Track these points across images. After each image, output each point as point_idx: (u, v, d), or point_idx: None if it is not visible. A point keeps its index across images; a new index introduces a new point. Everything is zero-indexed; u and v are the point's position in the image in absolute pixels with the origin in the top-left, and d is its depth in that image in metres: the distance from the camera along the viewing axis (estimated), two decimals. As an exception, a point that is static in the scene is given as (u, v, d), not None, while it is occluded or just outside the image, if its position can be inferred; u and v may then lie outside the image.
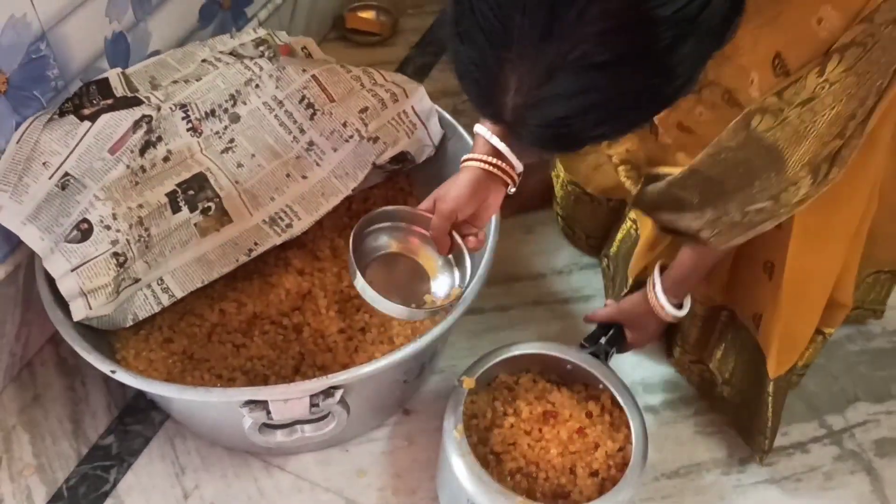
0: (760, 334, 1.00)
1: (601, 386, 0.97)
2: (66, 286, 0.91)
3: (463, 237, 0.95)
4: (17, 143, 0.98)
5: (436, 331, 0.93)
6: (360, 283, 0.89)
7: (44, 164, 0.97)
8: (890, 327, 1.21)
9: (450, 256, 0.98)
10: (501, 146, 0.90)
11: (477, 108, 0.62)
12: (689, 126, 0.84)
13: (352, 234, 0.92)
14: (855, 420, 1.12)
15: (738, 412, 1.08)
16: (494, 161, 0.91)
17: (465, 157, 0.94)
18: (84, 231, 0.93)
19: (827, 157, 0.70)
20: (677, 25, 0.53)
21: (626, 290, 1.10)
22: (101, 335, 1.00)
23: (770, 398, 1.00)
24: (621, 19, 0.53)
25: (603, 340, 1.03)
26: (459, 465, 0.88)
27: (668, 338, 1.17)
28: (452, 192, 0.93)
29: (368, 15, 1.64)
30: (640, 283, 1.07)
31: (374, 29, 1.62)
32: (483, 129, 0.92)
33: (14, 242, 1.04)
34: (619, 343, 1.04)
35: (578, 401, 0.97)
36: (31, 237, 0.95)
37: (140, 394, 1.11)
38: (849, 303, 1.01)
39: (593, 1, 0.52)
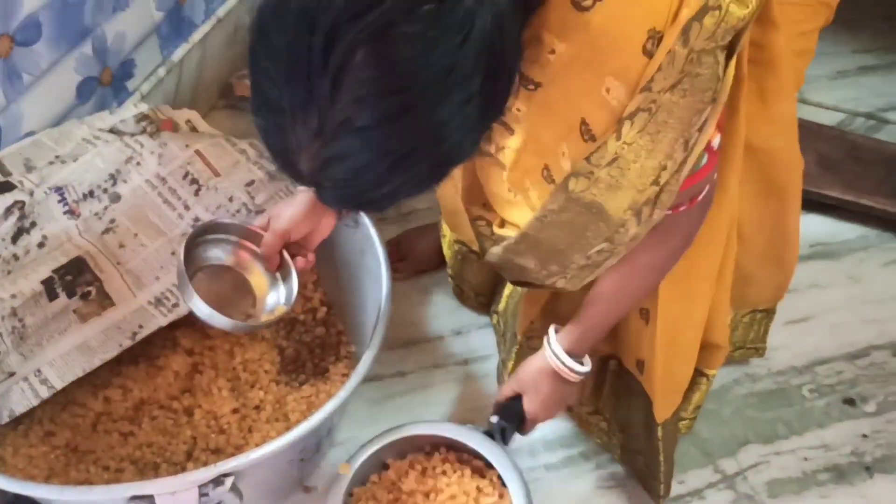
0: (644, 379, 1.03)
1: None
2: None
3: (292, 256, 0.98)
4: None
5: (331, 404, 0.91)
6: (189, 292, 0.90)
7: None
8: (774, 368, 1.26)
9: (277, 274, 1.00)
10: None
11: (282, 171, 0.67)
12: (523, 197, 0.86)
13: (183, 243, 0.93)
14: (747, 463, 1.15)
15: (635, 460, 1.11)
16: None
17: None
18: None
19: (647, 201, 0.74)
20: (426, 92, 0.59)
21: (516, 346, 1.12)
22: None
23: (660, 443, 1.03)
24: (373, 87, 0.58)
25: (495, 420, 1.03)
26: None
27: (564, 392, 1.19)
28: (288, 212, 0.96)
29: (257, 82, 1.64)
30: (529, 339, 1.09)
31: (264, 96, 1.62)
32: None
33: None
34: (518, 419, 1.02)
35: (467, 481, 0.98)
36: None
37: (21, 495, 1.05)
38: (725, 343, 1.05)
39: (345, 71, 0.57)
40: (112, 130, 1.15)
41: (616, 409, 1.12)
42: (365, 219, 1.10)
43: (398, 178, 0.63)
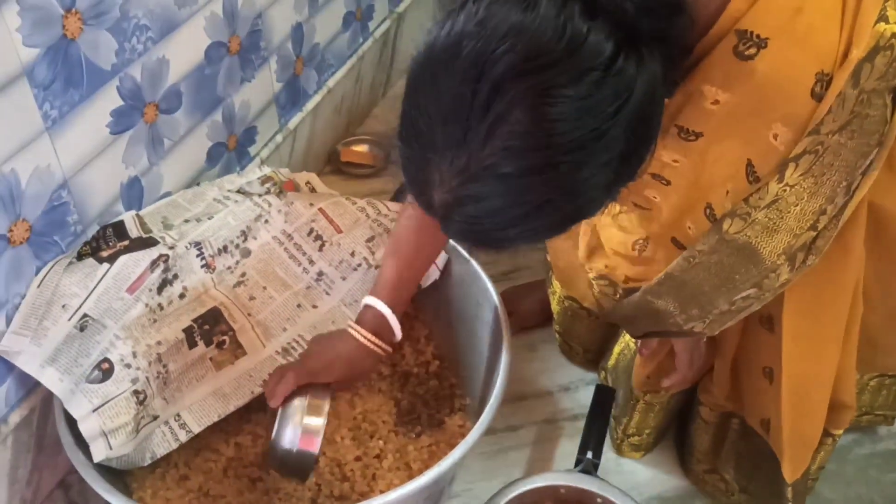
0: (771, 439, 1.02)
1: (599, 500, 0.99)
2: (87, 427, 0.91)
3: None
4: (38, 287, 1.00)
5: (456, 454, 0.94)
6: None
7: (63, 306, 0.99)
8: (895, 429, 1.23)
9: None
10: (391, 317, 1.01)
11: (413, 198, 0.71)
12: (680, 241, 0.88)
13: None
14: (873, 525, 1.12)
15: (756, 518, 1.09)
16: (376, 343, 1.00)
17: (350, 323, 1.01)
18: (105, 371, 0.94)
19: (802, 247, 0.75)
20: (573, 152, 0.62)
21: (632, 401, 1.12)
22: (118, 476, 0.99)
23: (790, 503, 1.01)
24: (525, 140, 0.61)
25: (589, 455, 1.04)
26: None
27: (681, 449, 1.18)
28: (335, 368, 0.99)
29: (361, 149, 1.72)
30: (646, 393, 1.10)
31: (368, 161, 1.70)
32: (374, 301, 1.01)
33: (29, 386, 1.04)
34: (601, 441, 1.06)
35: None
36: (51, 380, 0.96)
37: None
38: (852, 404, 1.03)
39: (502, 121, 0.60)
40: (240, 191, 1.22)
41: (738, 468, 1.11)
42: (482, 273, 1.14)
43: (526, 225, 0.66)
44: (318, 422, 0.95)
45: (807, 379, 0.96)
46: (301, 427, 0.95)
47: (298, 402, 0.96)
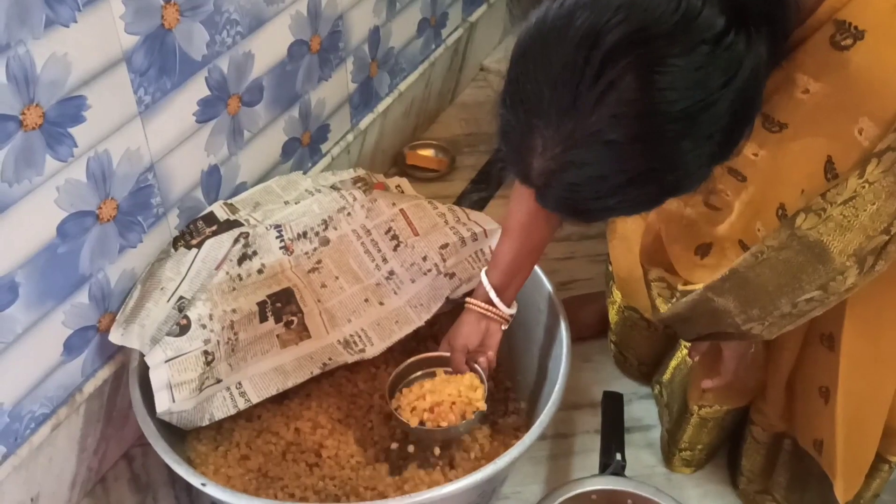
0: (823, 460, 1.02)
1: (630, 501, 1.01)
2: (156, 376, 0.96)
3: (476, 362, 1.08)
4: (142, 283, 1.07)
5: (513, 452, 0.95)
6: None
7: (161, 289, 1.05)
8: (951, 463, 1.21)
9: None
10: (494, 297, 1.05)
11: (509, 166, 0.72)
12: (747, 244, 0.89)
13: (387, 389, 1.07)
14: (925, 557, 1.11)
15: (807, 541, 1.08)
16: (487, 308, 1.06)
17: (467, 298, 1.08)
18: (183, 326, 0.99)
19: (873, 250, 0.75)
20: (679, 122, 0.63)
21: (687, 415, 1.13)
22: (180, 450, 1.03)
23: (843, 526, 1.01)
24: (633, 107, 0.62)
25: (619, 456, 1.06)
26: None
27: (732, 468, 1.18)
28: (459, 330, 1.08)
29: (427, 153, 1.75)
30: (701, 407, 1.11)
31: (433, 166, 1.72)
32: (483, 278, 1.07)
33: (105, 357, 1.09)
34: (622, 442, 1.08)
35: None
36: (136, 338, 1.01)
37: (211, 509, 1.13)
38: (910, 428, 1.03)
39: (612, 88, 0.62)
40: (332, 186, 1.26)
41: (789, 489, 1.10)
42: (545, 280, 1.16)
43: (625, 195, 0.67)
44: None
45: (863, 400, 0.96)
46: None
47: None
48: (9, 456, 0.99)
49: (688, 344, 1.14)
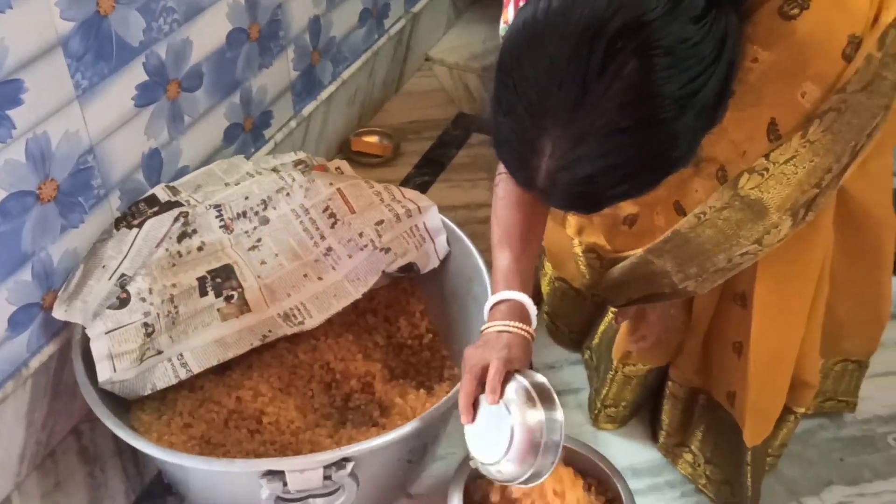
0: (735, 410, 1.09)
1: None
2: (97, 347, 1.01)
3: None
4: (84, 262, 1.11)
5: (442, 404, 1.01)
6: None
7: (103, 267, 1.09)
8: (860, 416, 1.30)
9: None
10: (527, 301, 0.95)
11: (512, 174, 0.74)
12: (683, 206, 0.95)
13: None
14: (830, 502, 1.19)
15: (721, 489, 1.16)
16: (526, 329, 0.94)
17: (493, 324, 0.94)
18: (122, 300, 1.04)
19: (805, 203, 0.82)
20: (680, 100, 0.67)
21: (611, 373, 1.20)
22: (125, 421, 1.08)
23: (749, 468, 1.08)
24: (639, 92, 0.66)
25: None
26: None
27: (653, 423, 1.26)
28: (514, 354, 0.92)
29: (372, 139, 1.80)
30: (625, 365, 1.18)
31: (377, 152, 1.78)
32: (509, 294, 0.95)
33: (50, 333, 1.13)
34: None
35: (574, 476, 1.05)
36: (79, 313, 1.06)
37: (157, 479, 1.18)
38: (815, 382, 1.10)
39: (617, 77, 0.65)
40: (273, 169, 1.31)
41: (704, 441, 1.18)
42: (474, 250, 1.22)
43: (639, 178, 0.71)
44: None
45: (773, 352, 1.03)
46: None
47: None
48: (-44, 427, 1.03)
49: (614, 310, 1.21)
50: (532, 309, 0.96)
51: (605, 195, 0.72)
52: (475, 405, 0.92)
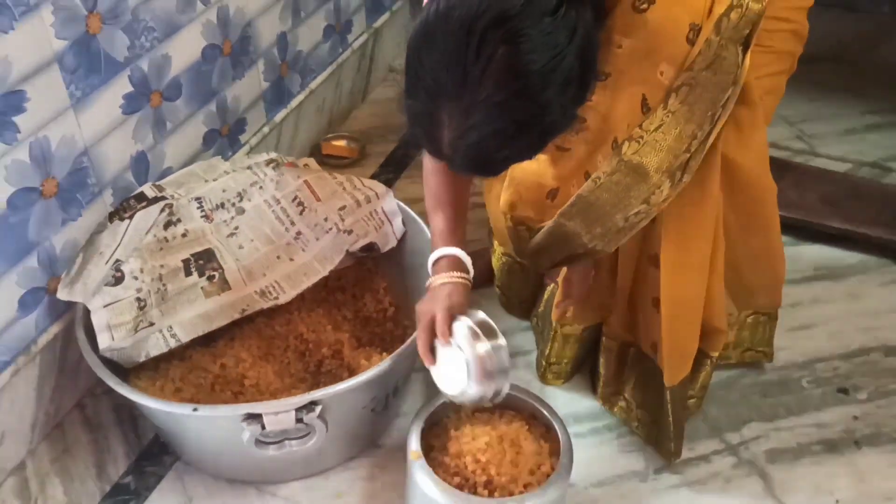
0: (658, 357, 1.25)
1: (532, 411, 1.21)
2: (97, 318, 1.17)
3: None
4: (83, 251, 1.27)
5: (395, 354, 1.18)
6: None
7: (100, 253, 1.25)
8: (777, 364, 1.46)
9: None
10: (468, 261, 1.16)
11: (423, 145, 0.91)
12: (590, 173, 1.11)
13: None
14: (749, 436, 1.34)
15: (650, 429, 1.31)
16: (463, 277, 1.15)
17: (446, 274, 1.14)
18: (117, 278, 1.21)
19: (679, 166, 0.98)
20: (542, 75, 0.84)
21: (550, 333, 1.36)
22: (125, 386, 1.23)
23: (669, 406, 1.24)
24: (509, 71, 0.83)
25: None
26: (422, 478, 1.09)
27: (593, 377, 1.42)
28: (457, 301, 1.12)
29: (340, 143, 1.97)
30: (563, 325, 1.34)
31: (346, 154, 1.95)
32: (444, 251, 1.16)
33: (55, 315, 1.29)
34: None
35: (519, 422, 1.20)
36: (81, 292, 1.21)
37: (153, 441, 1.33)
38: (724, 328, 1.26)
39: (491, 60, 0.83)
40: (248, 168, 1.47)
41: (635, 388, 1.34)
42: (426, 230, 1.38)
43: (517, 141, 0.88)
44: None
45: (680, 300, 1.19)
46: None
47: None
48: (-24, 395, 1.19)
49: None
50: (467, 259, 1.16)
51: (494, 157, 0.89)
52: (433, 351, 1.12)
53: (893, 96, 2.10)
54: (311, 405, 1.11)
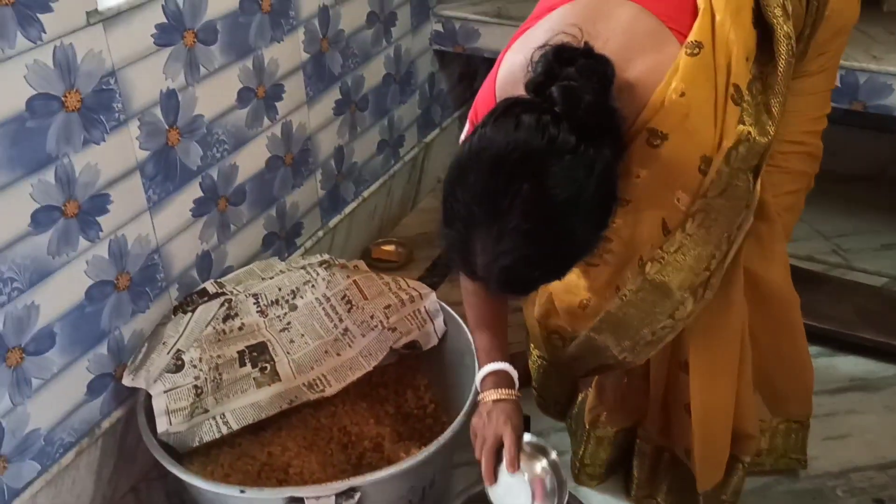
0: (692, 463, 1.28)
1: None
2: (157, 404, 1.26)
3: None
4: (148, 339, 1.38)
5: (432, 447, 1.24)
6: None
7: (163, 343, 1.35)
8: (812, 473, 1.47)
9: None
10: (509, 368, 1.25)
11: (459, 269, 1.00)
12: (620, 287, 1.18)
13: None
14: (782, 544, 1.35)
15: (683, 534, 1.33)
16: (512, 394, 1.24)
17: (486, 394, 1.23)
18: (178, 366, 1.29)
19: (701, 283, 1.05)
20: (564, 205, 0.93)
21: (584, 434, 1.40)
22: (178, 467, 1.30)
23: (702, 509, 1.27)
24: (534, 204, 0.92)
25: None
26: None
27: (627, 480, 1.44)
28: (514, 427, 1.19)
29: (389, 248, 2.08)
30: (595, 427, 1.38)
31: (394, 258, 2.06)
32: (492, 366, 1.25)
33: (119, 401, 1.39)
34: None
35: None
36: (144, 381, 1.31)
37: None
38: (754, 433, 1.29)
39: (518, 195, 0.92)
40: (301, 267, 1.58)
41: (668, 492, 1.36)
42: (465, 329, 1.46)
43: (544, 265, 0.97)
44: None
45: (711, 407, 1.23)
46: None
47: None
48: (42, 472, 1.27)
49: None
50: (514, 373, 1.24)
51: (524, 279, 0.97)
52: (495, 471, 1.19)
53: (931, 213, 2.15)
54: (351, 491, 1.17)
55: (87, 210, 1.24)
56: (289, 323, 1.47)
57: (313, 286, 1.52)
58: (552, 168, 0.91)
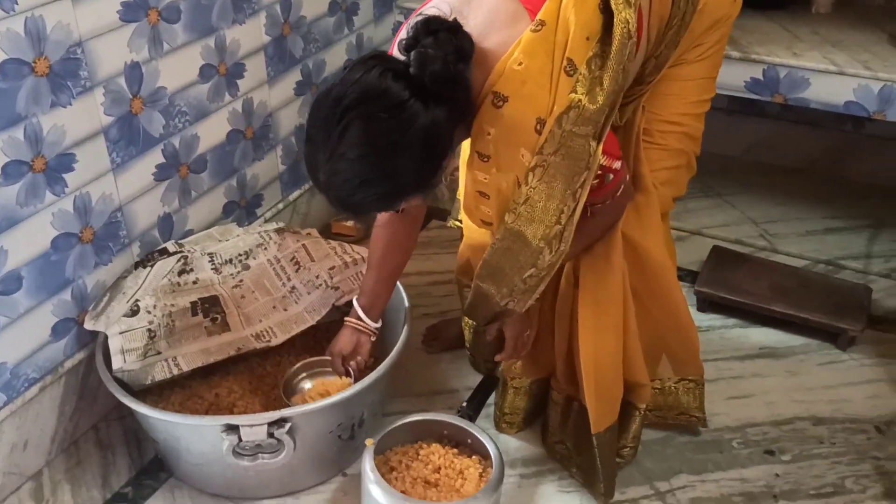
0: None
1: (469, 440, 1.40)
2: (113, 343, 1.39)
3: (349, 364, 1.52)
4: (110, 289, 1.52)
5: (362, 383, 1.38)
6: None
7: (123, 293, 1.50)
8: (712, 427, 1.61)
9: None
10: (363, 315, 1.50)
11: (311, 179, 1.14)
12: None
13: (282, 384, 1.52)
14: (677, 485, 1.49)
15: (586, 474, 1.47)
16: (357, 323, 1.50)
17: (345, 318, 1.51)
18: (133, 311, 1.43)
19: (555, 235, 1.18)
20: (387, 148, 1.08)
21: (504, 387, 1.55)
22: (130, 398, 1.44)
23: (597, 451, 1.40)
24: (358, 139, 1.07)
25: (464, 404, 1.48)
26: (375, 489, 1.28)
27: (543, 427, 1.59)
28: (337, 341, 1.52)
29: (349, 224, 2.22)
30: (513, 378, 1.53)
31: (352, 233, 2.20)
32: (356, 302, 1.50)
33: (82, 343, 1.53)
34: (480, 405, 1.49)
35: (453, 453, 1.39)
36: (104, 324, 1.45)
37: (152, 461, 1.53)
38: (646, 381, 1.44)
39: (347, 129, 1.06)
40: (257, 233, 1.73)
41: (575, 437, 1.50)
42: (402, 291, 1.60)
43: (364, 192, 1.10)
44: None
45: (598, 355, 1.37)
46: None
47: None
48: (8, 403, 1.41)
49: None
50: (363, 315, 1.50)
51: (354, 201, 1.11)
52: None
53: (855, 204, 2.30)
54: (282, 421, 1.32)
55: (54, 167, 1.38)
56: (241, 280, 1.61)
57: (265, 248, 1.66)
58: (379, 114, 1.06)
